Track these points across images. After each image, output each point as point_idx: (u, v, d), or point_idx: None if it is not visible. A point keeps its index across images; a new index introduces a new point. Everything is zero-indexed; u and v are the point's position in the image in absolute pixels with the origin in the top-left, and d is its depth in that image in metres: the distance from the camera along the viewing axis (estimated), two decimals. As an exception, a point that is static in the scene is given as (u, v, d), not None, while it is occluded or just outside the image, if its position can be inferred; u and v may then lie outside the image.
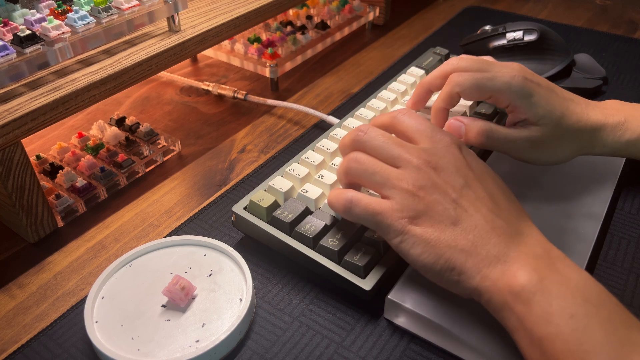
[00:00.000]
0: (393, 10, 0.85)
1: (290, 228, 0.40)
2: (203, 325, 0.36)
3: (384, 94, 0.55)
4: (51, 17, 0.43)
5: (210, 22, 0.54)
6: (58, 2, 0.45)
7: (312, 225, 0.40)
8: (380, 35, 0.79)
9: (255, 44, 0.67)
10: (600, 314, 0.29)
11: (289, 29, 0.73)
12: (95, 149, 0.53)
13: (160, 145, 0.55)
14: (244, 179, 0.51)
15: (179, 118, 0.62)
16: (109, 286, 0.39)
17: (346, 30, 0.75)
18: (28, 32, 0.41)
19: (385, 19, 0.81)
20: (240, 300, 0.38)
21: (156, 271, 0.40)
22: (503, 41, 0.63)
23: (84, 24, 0.44)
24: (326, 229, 0.40)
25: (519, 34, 0.62)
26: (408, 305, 0.36)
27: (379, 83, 0.66)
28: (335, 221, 0.41)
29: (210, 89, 0.65)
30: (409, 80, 0.57)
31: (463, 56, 0.45)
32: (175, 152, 0.56)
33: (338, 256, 0.38)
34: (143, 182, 0.52)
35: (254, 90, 0.67)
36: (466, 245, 0.32)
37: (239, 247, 0.44)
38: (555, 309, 0.29)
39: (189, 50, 0.52)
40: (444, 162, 0.35)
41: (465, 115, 0.51)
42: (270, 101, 0.61)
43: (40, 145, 0.57)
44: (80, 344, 0.37)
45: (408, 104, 0.50)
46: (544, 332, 0.29)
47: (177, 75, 0.69)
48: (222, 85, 0.64)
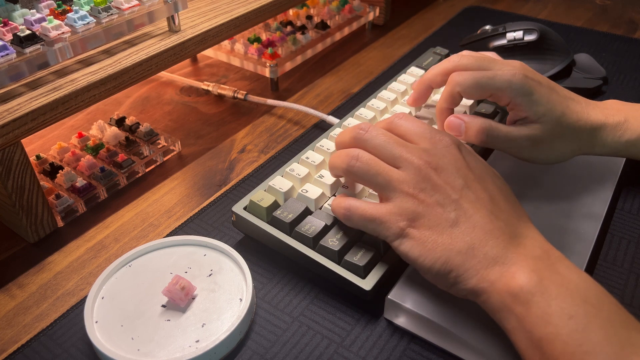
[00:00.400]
0: (393, 10, 0.85)
1: (290, 228, 0.40)
2: (203, 325, 0.36)
3: (384, 94, 0.55)
4: (51, 17, 0.43)
5: (210, 22, 0.54)
6: (58, 2, 0.45)
7: (312, 225, 0.40)
8: (380, 35, 0.79)
9: (255, 44, 0.67)
10: (600, 315, 0.29)
11: (289, 29, 0.72)
12: (95, 149, 0.53)
13: (160, 145, 0.55)
14: (244, 179, 0.51)
15: (179, 118, 0.62)
16: (109, 286, 0.39)
17: (346, 30, 0.75)
18: (28, 32, 0.41)
19: (385, 19, 0.81)
20: (240, 300, 0.38)
21: (156, 271, 0.40)
22: (503, 41, 0.63)
23: (84, 24, 0.44)
24: (326, 229, 0.40)
25: (519, 34, 0.62)
26: (408, 305, 0.36)
27: (379, 83, 0.66)
28: (336, 221, 0.41)
29: (210, 89, 0.65)
30: (409, 80, 0.57)
31: (464, 53, 0.45)
32: (175, 152, 0.56)
33: (338, 256, 0.38)
34: (143, 182, 0.52)
35: (254, 90, 0.67)
36: (463, 247, 0.32)
37: (239, 247, 0.44)
38: (554, 309, 0.29)
39: (189, 50, 0.52)
40: (444, 163, 0.35)
41: (466, 113, 0.51)
42: (270, 101, 0.61)
43: (40, 145, 0.57)
44: (80, 344, 0.37)
45: (408, 101, 0.50)
46: (543, 333, 0.29)
47: (177, 75, 0.69)
48: (222, 85, 0.64)
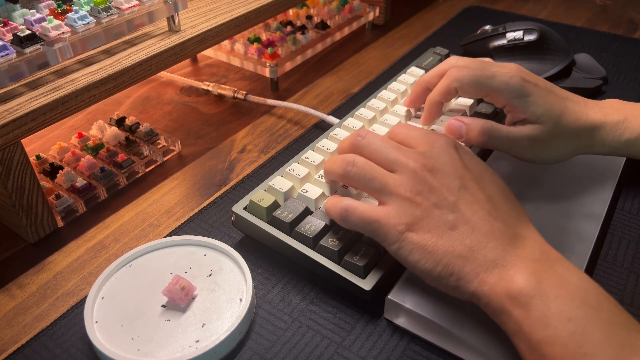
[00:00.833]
0: (393, 10, 0.85)
1: (290, 228, 0.40)
2: (203, 325, 0.36)
3: (384, 94, 0.55)
4: (51, 17, 0.43)
5: (210, 22, 0.54)
6: (58, 2, 0.45)
7: (312, 225, 0.40)
8: (380, 35, 0.79)
9: (255, 44, 0.67)
10: (599, 317, 0.29)
11: (289, 29, 0.72)
12: (95, 149, 0.53)
13: (160, 145, 0.55)
14: (244, 179, 0.51)
15: (179, 118, 0.62)
16: (109, 286, 0.39)
17: (346, 30, 0.75)
18: (28, 32, 0.41)
19: (385, 19, 0.81)
20: (240, 300, 0.38)
21: (156, 271, 0.40)
22: (503, 41, 0.63)
23: (84, 24, 0.44)
24: (326, 229, 0.40)
25: (519, 34, 0.62)
26: (408, 305, 0.36)
27: (379, 83, 0.66)
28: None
29: (210, 89, 0.65)
30: (409, 80, 0.57)
31: (462, 57, 0.45)
32: (175, 152, 0.56)
33: (338, 256, 0.38)
34: (143, 182, 0.52)
35: (254, 90, 0.67)
36: (463, 250, 0.32)
37: (239, 247, 0.44)
38: (553, 312, 0.29)
39: (189, 50, 0.52)
40: (440, 164, 0.35)
41: (466, 114, 0.51)
42: (270, 101, 0.61)
43: (40, 145, 0.57)
44: (80, 344, 0.37)
45: (405, 102, 0.50)
46: (543, 336, 0.29)
47: (177, 75, 0.69)
48: (222, 85, 0.64)
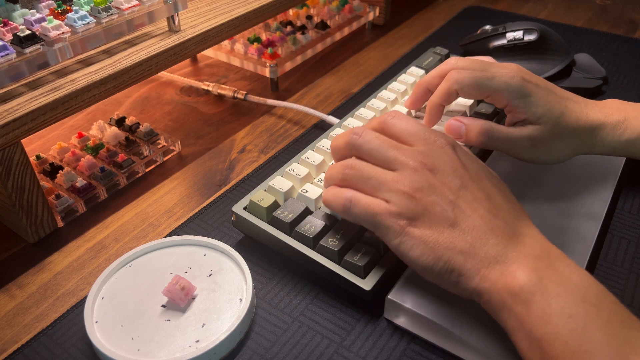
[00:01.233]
0: (393, 10, 0.85)
1: (290, 228, 0.40)
2: (203, 325, 0.36)
3: (384, 94, 0.55)
4: (51, 17, 0.43)
5: (210, 22, 0.54)
6: (58, 2, 0.45)
7: (312, 225, 0.40)
8: (380, 35, 0.79)
9: (255, 44, 0.67)
10: (600, 314, 0.29)
11: (289, 29, 0.72)
12: (95, 149, 0.53)
13: (160, 145, 0.55)
14: (244, 179, 0.51)
15: (179, 118, 0.62)
16: (109, 286, 0.39)
17: (346, 30, 0.75)
18: (28, 32, 0.41)
19: (385, 19, 0.81)
20: (240, 300, 0.38)
21: (156, 271, 0.40)
22: (503, 41, 0.63)
23: (84, 24, 0.44)
24: (326, 229, 0.40)
25: (519, 34, 0.62)
26: (408, 305, 0.36)
27: (379, 83, 0.66)
28: (335, 221, 0.41)
29: (210, 89, 0.65)
30: (409, 80, 0.57)
31: (462, 57, 0.45)
32: (175, 152, 0.56)
33: (338, 256, 0.38)
34: (143, 182, 0.52)
35: (254, 90, 0.67)
36: (464, 246, 0.32)
37: (239, 247, 0.44)
38: (554, 309, 0.29)
39: (189, 50, 0.52)
40: (440, 163, 0.35)
41: (465, 115, 0.51)
42: (270, 101, 0.61)
43: (40, 145, 0.57)
44: (80, 344, 0.37)
45: (406, 103, 0.50)
46: (543, 333, 0.29)
47: (177, 75, 0.69)
48: (222, 85, 0.64)
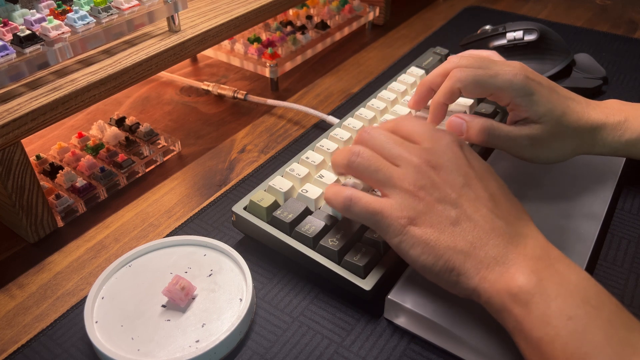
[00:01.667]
0: (393, 10, 0.85)
1: (290, 228, 0.40)
2: (203, 326, 0.36)
3: (384, 94, 0.55)
4: (51, 17, 0.43)
5: (210, 22, 0.54)
6: (58, 2, 0.45)
7: (312, 225, 0.40)
8: (380, 35, 0.79)
9: (255, 44, 0.67)
10: (600, 316, 0.29)
11: (289, 29, 0.72)
12: (95, 149, 0.53)
13: (160, 145, 0.55)
14: (244, 179, 0.51)
15: (179, 118, 0.62)
16: (109, 286, 0.39)
17: (346, 30, 0.75)
18: (28, 32, 0.41)
19: (385, 19, 0.81)
20: (240, 300, 0.38)
21: (156, 271, 0.40)
22: (503, 41, 0.63)
23: (84, 24, 0.44)
24: (326, 229, 0.40)
25: (519, 34, 0.62)
26: (408, 305, 0.36)
27: (379, 83, 0.66)
28: (335, 221, 0.41)
29: (210, 89, 0.65)
30: (409, 80, 0.57)
31: (465, 53, 0.45)
32: (175, 152, 0.56)
33: (338, 256, 0.38)
34: (143, 182, 0.52)
35: (254, 90, 0.67)
36: (465, 246, 0.32)
37: (239, 247, 0.44)
38: (553, 310, 0.29)
39: (189, 50, 0.52)
40: (444, 161, 0.35)
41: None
42: (270, 101, 0.61)
43: (40, 145, 0.57)
44: (80, 344, 0.37)
45: (409, 103, 0.50)
46: (543, 334, 0.29)
47: (177, 75, 0.69)
48: (222, 85, 0.64)
